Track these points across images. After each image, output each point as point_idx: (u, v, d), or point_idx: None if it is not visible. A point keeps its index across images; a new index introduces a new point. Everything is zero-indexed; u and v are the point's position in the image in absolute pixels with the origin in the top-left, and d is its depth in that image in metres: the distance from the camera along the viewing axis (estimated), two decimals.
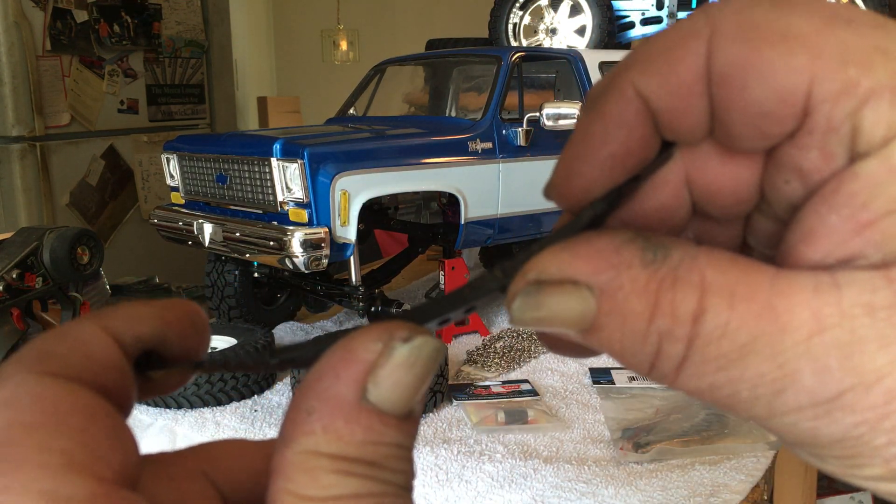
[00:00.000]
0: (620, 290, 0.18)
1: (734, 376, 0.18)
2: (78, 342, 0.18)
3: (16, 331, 1.75)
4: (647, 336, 0.18)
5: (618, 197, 0.20)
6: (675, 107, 0.19)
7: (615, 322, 0.19)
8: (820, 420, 0.18)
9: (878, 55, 0.17)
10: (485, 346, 1.13)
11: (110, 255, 2.41)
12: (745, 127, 0.19)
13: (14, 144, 3.27)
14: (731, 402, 0.18)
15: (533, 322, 0.19)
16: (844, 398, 0.17)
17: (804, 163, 0.18)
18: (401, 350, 0.18)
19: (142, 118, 3.86)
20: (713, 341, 0.18)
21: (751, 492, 0.73)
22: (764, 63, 0.18)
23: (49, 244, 1.80)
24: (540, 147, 1.15)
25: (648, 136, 0.20)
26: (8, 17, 3.18)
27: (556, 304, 0.19)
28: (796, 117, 0.18)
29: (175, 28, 4.01)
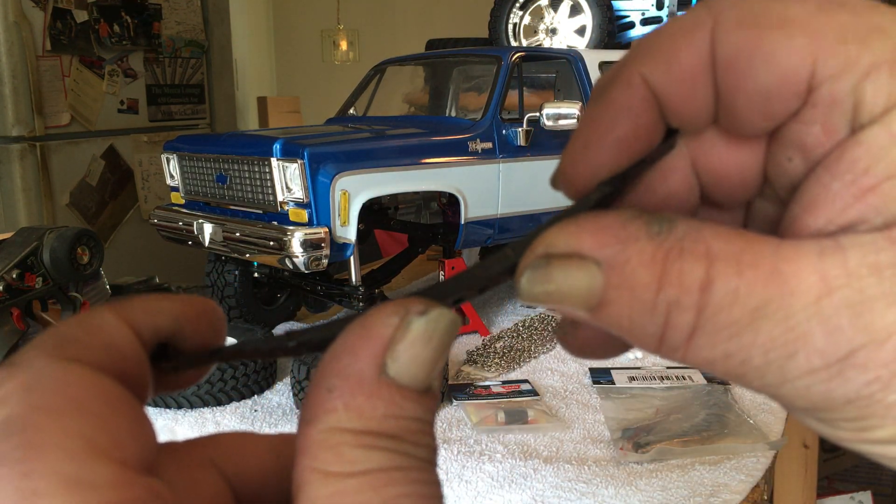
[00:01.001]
0: (627, 263, 0.18)
1: (746, 342, 0.18)
2: (98, 330, 0.19)
3: (16, 331, 1.75)
4: (655, 307, 0.18)
5: (623, 181, 0.20)
6: (680, 93, 0.20)
7: (623, 296, 0.19)
8: (833, 381, 0.18)
9: (874, 32, 0.18)
10: (485, 346, 1.13)
11: (110, 255, 2.41)
12: (750, 110, 0.19)
13: (14, 144, 3.27)
14: (743, 370, 0.18)
15: (542, 296, 0.19)
16: (856, 356, 0.18)
17: (807, 138, 0.19)
18: (418, 323, 0.18)
19: (142, 118, 3.86)
20: (723, 308, 0.18)
21: (751, 492, 0.73)
22: (767, 47, 0.18)
23: (49, 244, 1.80)
24: (540, 147, 1.15)
25: (654, 123, 0.20)
26: (8, 17, 3.18)
27: (563, 277, 0.19)
28: (800, 96, 0.19)
29: (175, 28, 4.01)
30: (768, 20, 0.19)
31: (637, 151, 0.20)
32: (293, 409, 0.91)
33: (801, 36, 0.18)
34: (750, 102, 0.19)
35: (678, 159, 0.21)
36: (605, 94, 0.21)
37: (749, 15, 0.19)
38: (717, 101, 0.20)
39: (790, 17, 0.19)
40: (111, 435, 0.16)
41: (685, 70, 0.20)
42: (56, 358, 0.17)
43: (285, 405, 0.92)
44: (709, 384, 0.98)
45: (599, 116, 0.21)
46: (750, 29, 0.19)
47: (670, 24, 0.20)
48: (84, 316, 0.19)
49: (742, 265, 0.18)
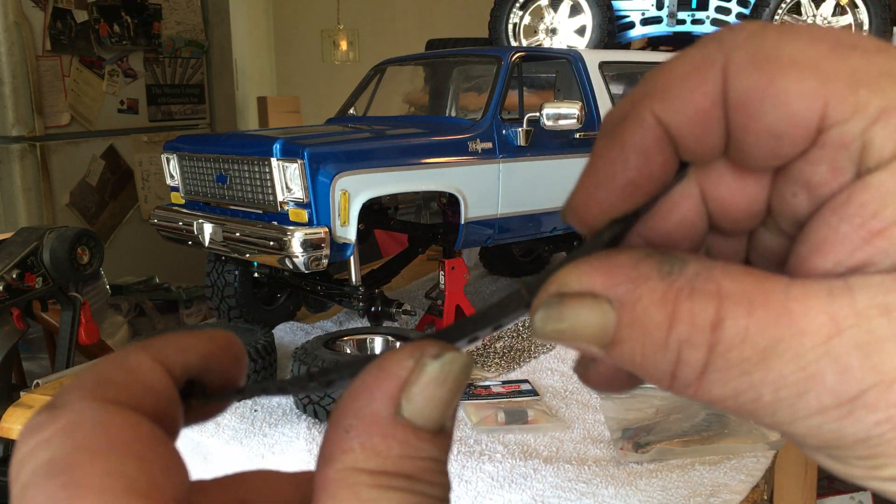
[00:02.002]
0: (639, 302, 0.19)
1: (757, 380, 0.18)
2: (134, 371, 0.19)
3: (16, 331, 1.75)
4: (667, 345, 0.19)
5: (635, 217, 0.21)
6: (694, 132, 0.20)
7: (635, 333, 0.19)
8: (843, 420, 0.18)
9: (885, 77, 0.18)
10: (485, 346, 1.13)
11: (110, 255, 2.41)
12: (759, 148, 0.20)
13: (14, 144, 3.27)
14: (754, 407, 0.19)
15: (555, 335, 0.20)
16: (867, 396, 0.18)
17: (813, 177, 0.20)
18: (432, 366, 0.19)
19: (142, 118, 3.86)
20: (734, 347, 0.18)
21: (751, 492, 0.73)
22: (779, 90, 0.19)
23: (49, 244, 1.80)
24: (540, 147, 1.15)
25: (667, 161, 0.21)
26: (8, 17, 3.18)
27: (576, 316, 0.20)
28: (809, 137, 0.19)
29: (175, 28, 4.00)
30: (780, 61, 0.19)
31: (650, 190, 0.21)
32: (293, 408, 0.91)
33: (812, 79, 0.19)
34: (759, 141, 0.20)
35: (689, 188, 0.22)
36: (617, 133, 0.21)
37: (761, 54, 0.19)
38: (727, 137, 0.20)
39: (802, 58, 0.19)
40: (149, 475, 0.17)
41: (699, 109, 0.20)
42: (96, 400, 0.18)
43: (285, 405, 0.92)
44: None
45: (612, 156, 0.21)
46: (762, 69, 0.19)
47: (681, 60, 0.21)
48: (120, 356, 0.20)
49: (753, 304, 0.18)
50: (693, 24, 2.23)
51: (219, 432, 0.85)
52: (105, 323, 2.75)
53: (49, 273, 1.80)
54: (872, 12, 2.05)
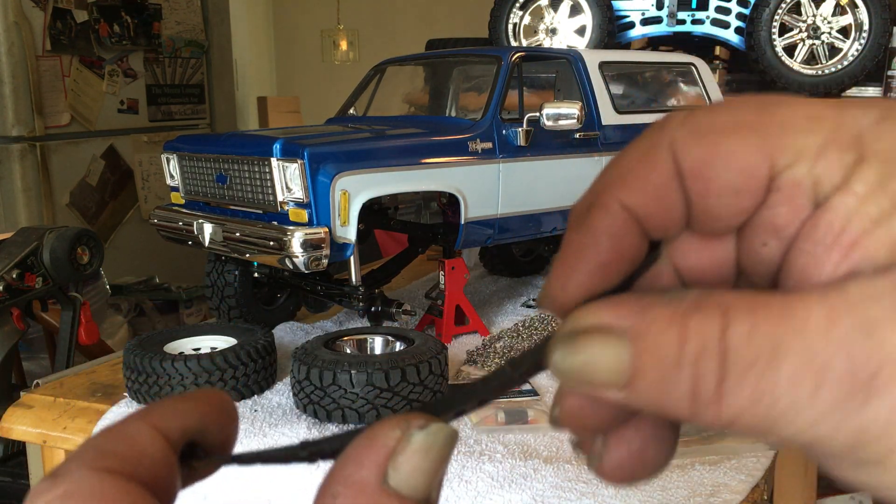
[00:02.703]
0: (651, 327, 0.20)
1: (771, 382, 0.19)
2: (131, 440, 0.21)
3: (16, 331, 1.75)
4: (681, 363, 0.20)
5: (613, 295, 0.22)
6: (657, 210, 0.22)
7: (650, 360, 0.20)
8: (863, 409, 0.19)
9: (812, 120, 0.21)
10: (485, 346, 1.13)
11: (110, 255, 2.41)
12: (721, 207, 0.22)
13: (14, 144, 3.27)
14: (773, 414, 0.19)
15: (575, 370, 0.21)
16: (880, 377, 0.19)
17: (777, 219, 0.21)
18: (418, 436, 0.20)
19: (142, 118, 3.86)
20: (743, 348, 0.19)
21: (751, 492, 0.73)
22: (726, 151, 0.21)
23: (49, 244, 1.80)
24: (540, 147, 1.15)
25: (636, 242, 0.23)
26: (8, 17, 3.18)
27: (591, 349, 0.21)
28: (764, 186, 0.21)
29: (175, 28, 4.00)
30: (720, 127, 0.21)
31: (622, 270, 0.23)
32: (293, 408, 0.91)
33: (752, 136, 0.21)
34: (720, 201, 0.22)
35: (662, 264, 0.24)
36: (585, 221, 0.23)
37: (701, 127, 0.22)
38: (688, 208, 0.22)
39: (738, 121, 0.21)
40: None
41: (657, 187, 0.22)
42: (94, 469, 0.20)
43: (285, 405, 0.92)
44: None
45: (584, 242, 0.23)
46: (706, 139, 0.21)
47: (632, 149, 0.23)
48: (120, 426, 0.21)
49: (755, 309, 0.20)
50: (693, 24, 2.23)
51: None
52: (105, 323, 2.75)
53: (49, 273, 1.80)
54: (872, 12, 2.04)
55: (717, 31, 2.21)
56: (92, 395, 0.99)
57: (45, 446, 0.97)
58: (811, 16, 2.09)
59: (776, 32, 2.10)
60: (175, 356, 0.91)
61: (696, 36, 2.25)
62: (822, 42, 2.11)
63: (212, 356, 0.91)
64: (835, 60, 2.11)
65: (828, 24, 2.09)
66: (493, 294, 1.44)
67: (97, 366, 1.11)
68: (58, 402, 0.98)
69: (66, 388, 1.02)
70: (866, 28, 2.04)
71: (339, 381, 0.83)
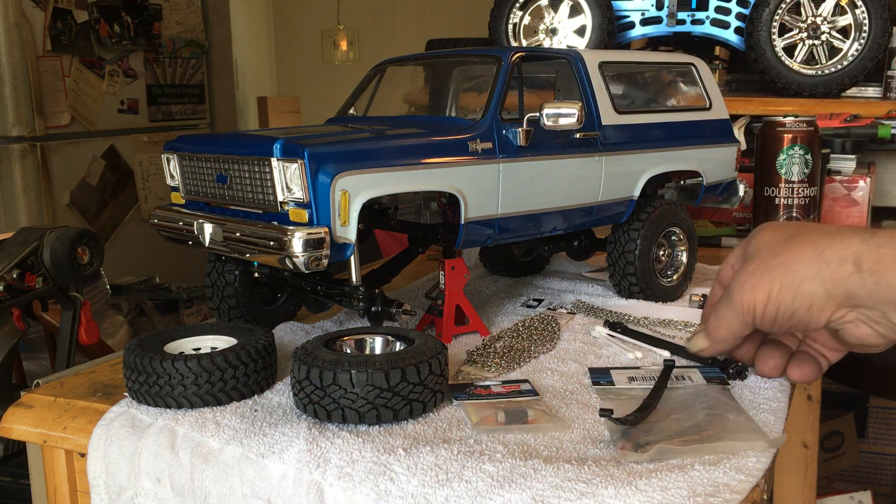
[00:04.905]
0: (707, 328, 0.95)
1: (713, 318, 0.95)
2: None
3: (16, 331, 1.75)
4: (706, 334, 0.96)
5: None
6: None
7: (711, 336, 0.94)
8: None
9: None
10: (485, 346, 1.13)
11: (110, 255, 2.41)
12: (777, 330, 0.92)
13: (14, 144, 3.27)
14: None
15: (693, 346, 0.97)
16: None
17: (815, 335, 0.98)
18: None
19: (142, 118, 3.86)
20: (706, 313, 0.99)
21: (751, 492, 0.73)
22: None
23: (49, 244, 1.80)
24: (540, 147, 1.15)
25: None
26: (8, 17, 3.18)
27: (699, 337, 0.95)
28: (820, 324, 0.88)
29: (175, 28, 4.00)
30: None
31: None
32: (293, 408, 0.91)
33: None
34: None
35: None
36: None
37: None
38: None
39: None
40: None
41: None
42: None
43: (285, 405, 0.92)
44: (708, 384, 0.98)
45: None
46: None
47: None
48: None
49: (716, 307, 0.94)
50: (693, 24, 2.23)
51: (219, 432, 0.85)
52: (105, 323, 2.75)
53: (49, 273, 1.80)
54: (872, 12, 2.04)
55: (717, 31, 2.21)
56: (92, 395, 0.99)
57: (45, 446, 0.97)
58: (811, 16, 2.09)
59: (776, 32, 2.10)
60: (175, 356, 0.91)
61: (695, 36, 2.25)
62: (822, 42, 2.10)
63: (212, 356, 0.91)
64: (834, 60, 2.11)
65: (828, 25, 2.09)
66: (493, 294, 1.44)
67: (97, 366, 1.11)
68: (58, 402, 0.98)
69: (66, 388, 1.02)
70: (866, 28, 2.04)
71: (339, 380, 0.83)
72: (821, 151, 1.70)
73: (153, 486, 0.86)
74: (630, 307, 1.31)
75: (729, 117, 1.49)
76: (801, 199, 1.67)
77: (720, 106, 1.46)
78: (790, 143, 1.66)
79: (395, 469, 0.77)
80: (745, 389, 0.96)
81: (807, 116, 1.69)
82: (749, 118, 2.09)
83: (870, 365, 2.18)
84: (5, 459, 1.73)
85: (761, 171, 1.71)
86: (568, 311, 1.32)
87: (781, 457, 1.86)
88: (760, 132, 1.72)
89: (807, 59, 2.12)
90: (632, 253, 1.31)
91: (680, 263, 1.40)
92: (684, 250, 1.40)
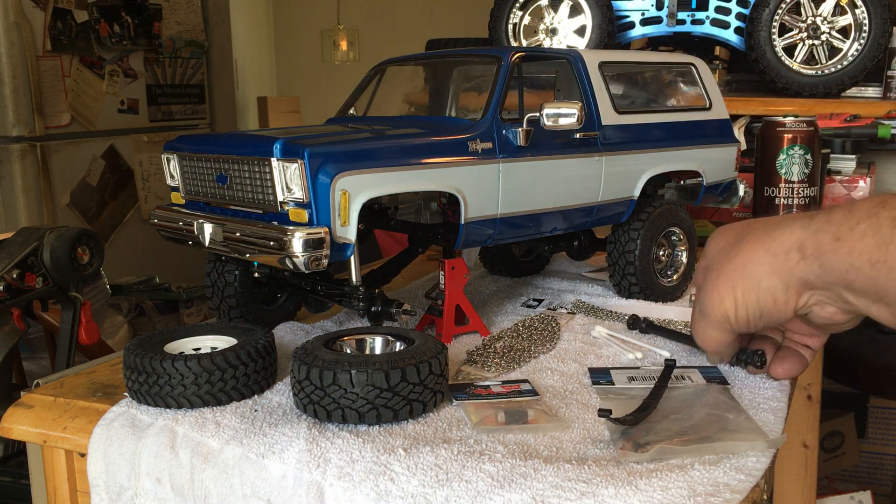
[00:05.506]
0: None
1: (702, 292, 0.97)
2: None
3: (16, 331, 1.75)
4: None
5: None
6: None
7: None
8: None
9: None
10: (485, 346, 1.13)
11: (110, 255, 2.41)
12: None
13: (14, 144, 3.27)
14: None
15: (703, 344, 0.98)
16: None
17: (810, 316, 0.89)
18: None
19: (142, 118, 3.86)
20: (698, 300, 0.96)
21: (751, 492, 0.73)
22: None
23: (49, 244, 1.80)
24: (540, 147, 1.15)
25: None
26: (8, 17, 3.18)
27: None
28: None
29: (175, 28, 4.00)
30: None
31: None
32: (293, 408, 0.91)
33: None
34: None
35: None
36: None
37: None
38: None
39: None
40: None
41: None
42: None
43: (285, 405, 0.92)
44: (708, 384, 0.98)
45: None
46: None
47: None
48: None
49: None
50: (693, 24, 2.23)
51: (219, 432, 0.85)
52: (105, 323, 2.75)
53: (49, 273, 1.80)
54: (872, 12, 2.04)
55: (717, 31, 2.21)
56: (92, 395, 0.99)
57: (45, 446, 0.97)
58: (811, 16, 2.09)
59: (776, 32, 2.10)
60: (175, 356, 0.91)
61: (695, 36, 2.25)
62: (822, 42, 2.10)
63: (212, 356, 0.91)
64: (834, 60, 2.11)
65: (828, 25, 2.09)
66: (493, 294, 1.44)
67: (97, 366, 1.11)
68: (58, 402, 0.98)
69: (66, 388, 1.02)
70: (866, 28, 2.04)
71: (339, 380, 0.83)
72: (821, 151, 1.70)
73: (153, 486, 0.86)
74: (630, 307, 1.31)
75: (729, 117, 1.49)
76: (801, 200, 1.67)
77: (720, 106, 1.46)
78: (790, 143, 1.66)
79: (395, 469, 0.77)
80: (744, 389, 0.96)
81: (807, 116, 1.69)
82: (749, 118, 2.09)
83: (870, 365, 2.18)
84: (5, 459, 1.73)
85: (761, 171, 1.71)
86: (568, 311, 1.32)
87: (781, 457, 1.86)
88: (760, 132, 1.72)
89: (807, 59, 2.12)
90: (632, 253, 1.31)
91: (680, 263, 1.40)
92: (684, 250, 1.40)
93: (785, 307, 0.84)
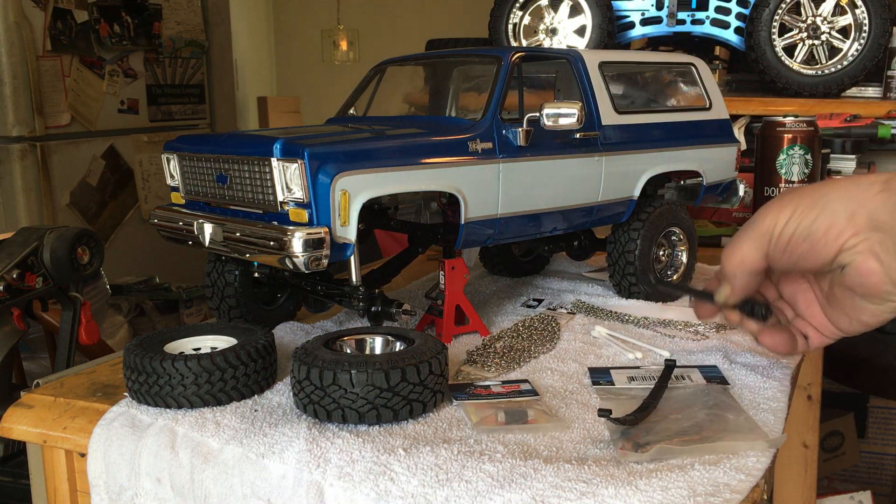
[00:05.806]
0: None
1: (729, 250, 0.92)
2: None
3: (16, 331, 1.75)
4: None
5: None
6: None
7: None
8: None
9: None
10: (485, 346, 1.13)
11: (110, 255, 2.41)
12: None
13: (14, 144, 3.27)
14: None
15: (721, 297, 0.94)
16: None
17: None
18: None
19: (142, 118, 3.86)
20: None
21: (751, 492, 0.73)
22: None
23: (49, 244, 1.80)
24: (540, 147, 1.15)
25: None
26: (8, 17, 3.18)
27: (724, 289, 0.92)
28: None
29: (175, 28, 4.00)
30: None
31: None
32: (293, 408, 0.91)
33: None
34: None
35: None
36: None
37: None
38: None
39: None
40: None
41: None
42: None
43: (285, 405, 0.92)
44: (708, 384, 0.98)
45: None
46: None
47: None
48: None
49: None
50: (693, 24, 2.23)
51: (219, 432, 0.85)
52: (105, 323, 2.75)
53: (49, 273, 1.80)
54: (872, 12, 2.04)
55: (717, 31, 2.21)
56: (92, 395, 0.99)
57: (45, 446, 0.97)
58: (811, 16, 2.09)
59: (776, 32, 2.10)
60: (175, 356, 0.91)
61: (695, 36, 2.25)
62: (822, 42, 2.10)
63: (212, 356, 0.91)
64: (834, 60, 2.11)
65: (828, 25, 2.09)
66: (493, 294, 1.44)
67: (97, 366, 1.11)
68: (58, 402, 0.98)
69: (66, 388, 1.02)
70: (866, 28, 2.04)
71: (339, 380, 0.83)
72: (821, 151, 1.70)
73: (153, 486, 0.86)
74: (630, 307, 1.31)
75: (729, 117, 1.49)
76: None
77: (720, 106, 1.46)
78: (790, 143, 1.66)
79: (395, 469, 0.77)
80: (744, 389, 0.96)
81: (807, 116, 1.69)
82: (749, 118, 2.09)
83: (870, 365, 2.18)
84: (5, 459, 1.73)
85: (761, 171, 1.71)
86: (568, 311, 1.32)
87: (781, 457, 1.86)
88: (760, 132, 1.72)
89: (807, 60, 2.12)
90: (632, 253, 1.31)
91: (680, 263, 1.40)
92: (684, 250, 1.40)
93: (835, 241, 0.79)
